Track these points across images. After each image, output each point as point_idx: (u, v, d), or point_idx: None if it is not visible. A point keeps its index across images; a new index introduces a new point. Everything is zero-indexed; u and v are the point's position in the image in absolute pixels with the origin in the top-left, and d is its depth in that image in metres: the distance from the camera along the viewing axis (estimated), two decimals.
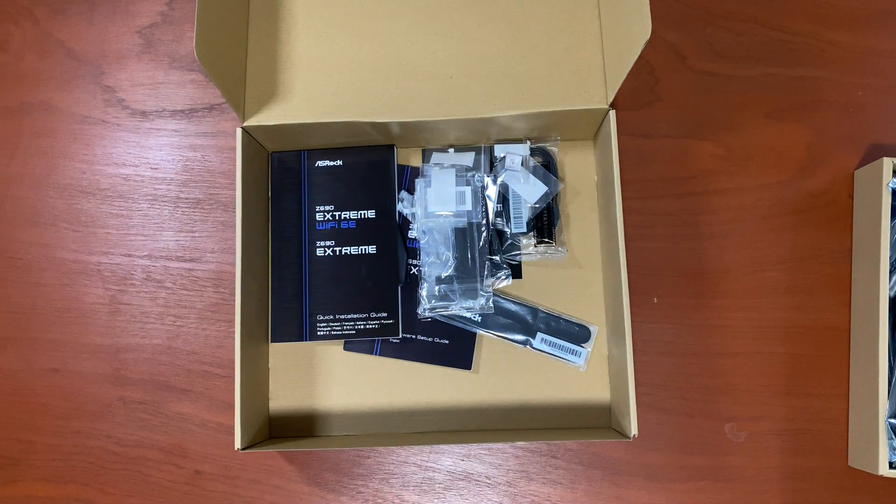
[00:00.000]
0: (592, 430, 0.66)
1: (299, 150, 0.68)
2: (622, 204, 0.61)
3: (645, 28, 0.49)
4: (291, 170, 0.69)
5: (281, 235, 0.68)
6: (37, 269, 0.72)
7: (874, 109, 0.73)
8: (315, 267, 0.67)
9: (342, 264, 0.67)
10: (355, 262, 0.67)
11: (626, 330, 0.60)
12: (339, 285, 0.67)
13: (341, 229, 0.67)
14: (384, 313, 0.67)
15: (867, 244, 0.67)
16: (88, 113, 0.74)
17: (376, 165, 0.68)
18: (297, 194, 0.68)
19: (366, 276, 0.67)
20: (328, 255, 0.67)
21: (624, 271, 0.60)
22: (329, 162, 0.68)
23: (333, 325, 0.67)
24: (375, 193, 0.68)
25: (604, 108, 0.62)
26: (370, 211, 0.68)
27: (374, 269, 0.67)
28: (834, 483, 0.68)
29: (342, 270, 0.67)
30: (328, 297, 0.67)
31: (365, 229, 0.67)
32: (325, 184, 0.68)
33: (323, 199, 0.68)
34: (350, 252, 0.67)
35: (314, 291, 0.67)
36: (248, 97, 0.64)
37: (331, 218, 0.67)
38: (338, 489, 0.69)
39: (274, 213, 0.68)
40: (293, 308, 0.67)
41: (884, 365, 0.63)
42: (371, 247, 0.67)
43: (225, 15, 0.60)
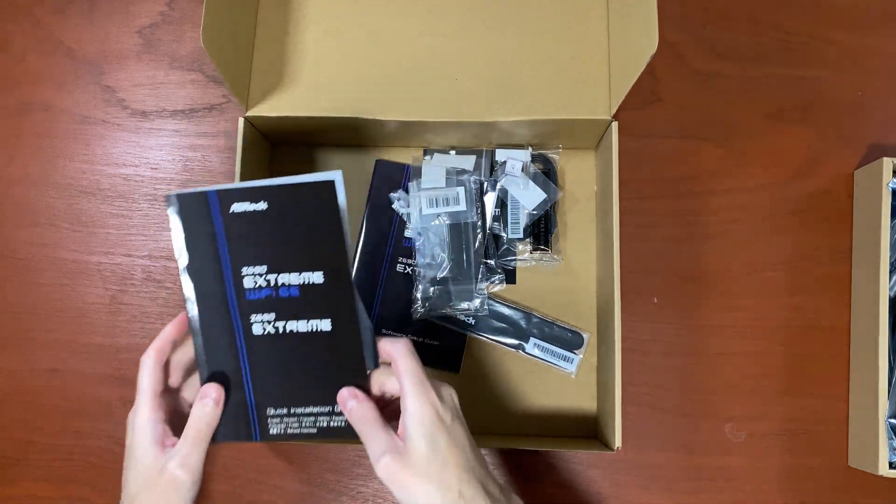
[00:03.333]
0: (577, 441, 0.66)
1: (204, 191, 0.48)
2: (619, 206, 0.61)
3: (652, 41, 0.49)
4: (200, 216, 0.49)
5: (204, 305, 0.50)
6: (37, 269, 0.72)
7: (874, 109, 0.73)
8: (254, 348, 0.50)
9: (288, 344, 0.50)
10: (305, 342, 0.50)
11: (617, 341, 0.60)
12: (290, 371, 0.51)
13: (280, 298, 0.49)
14: None
15: (867, 244, 0.67)
16: (88, 113, 0.74)
17: (316, 208, 0.48)
18: (213, 249, 0.49)
19: (322, 361, 0.50)
20: (268, 332, 0.50)
21: (617, 282, 0.60)
22: (250, 205, 0.48)
23: (289, 420, 0.51)
24: (320, 248, 0.49)
25: (606, 118, 0.62)
26: (316, 273, 0.49)
27: (330, 352, 0.50)
28: (834, 483, 0.68)
29: (290, 352, 0.50)
30: (276, 387, 0.51)
31: (312, 298, 0.49)
32: (250, 236, 0.49)
33: (249, 258, 0.49)
34: (298, 329, 0.50)
35: (258, 379, 0.50)
36: (252, 88, 0.64)
37: (264, 283, 0.49)
38: (338, 489, 0.69)
39: (191, 275, 0.50)
40: (236, 400, 0.51)
41: (884, 365, 0.63)
42: (323, 321, 0.50)
43: (234, 4, 0.60)
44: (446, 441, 0.46)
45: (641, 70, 0.52)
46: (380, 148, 0.72)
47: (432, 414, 0.46)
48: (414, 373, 0.47)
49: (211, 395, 0.49)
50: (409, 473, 0.45)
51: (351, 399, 0.49)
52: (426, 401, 0.46)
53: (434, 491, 0.45)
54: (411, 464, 0.46)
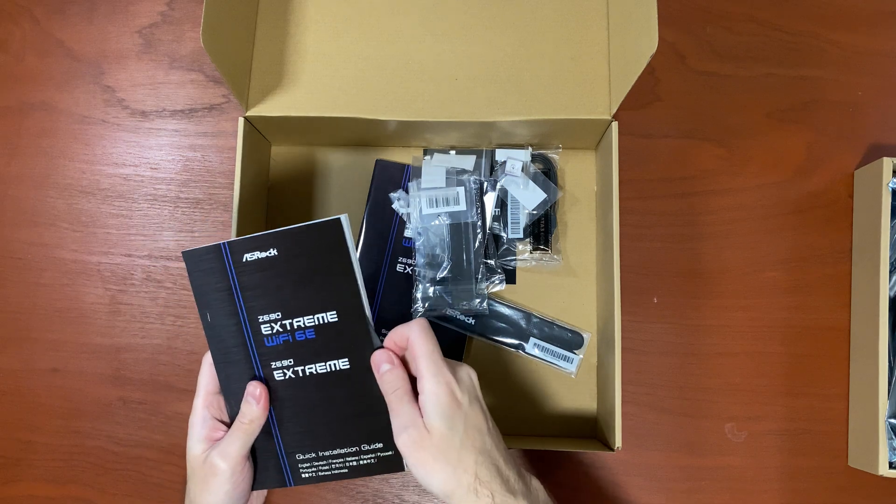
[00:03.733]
0: (578, 441, 0.66)
1: (217, 244, 0.50)
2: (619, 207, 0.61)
3: (652, 41, 0.49)
4: (213, 271, 0.50)
5: (226, 360, 0.51)
6: (37, 269, 0.72)
7: (874, 109, 0.73)
8: (278, 394, 0.52)
9: (309, 387, 0.51)
10: (325, 383, 0.51)
11: (617, 341, 0.60)
12: (313, 415, 0.52)
13: (297, 342, 0.51)
14: (379, 443, 0.52)
15: (867, 244, 0.67)
16: (88, 113, 0.74)
17: (325, 249, 0.49)
18: (229, 303, 0.50)
19: (344, 400, 0.51)
20: (289, 377, 0.51)
21: (617, 282, 0.60)
22: (260, 253, 0.49)
23: (318, 464, 0.53)
24: (331, 287, 0.50)
25: (606, 118, 0.62)
26: (330, 313, 0.50)
27: (351, 390, 0.51)
28: (834, 483, 0.68)
29: (312, 395, 0.51)
30: (304, 431, 0.52)
31: (328, 338, 0.50)
32: (263, 284, 0.50)
33: (265, 306, 0.50)
34: (316, 370, 0.51)
35: (284, 426, 0.52)
36: (252, 88, 0.64)
37: (280, 329, 0.51)
38: (338, 489, 0.69)
39: (209, 332, 0.51)
40: (266, 447, 0.53)
41: (884, 365, 0.63)
42: (341, 360, 0.51)
43: (234, 4, 0.60)
44: (463, 423, 0.47)
45: (641, 70, 0.52)
46: (380, 148, 0.72)
47: (448, 395, 0.47)
48: (430, 354, 0.48)
49: (253, 394, 0.51)
50: (428, 453, 0.46)
51: (385, 363, 0.49)
52: (442, 381, 0.47)
53: (450, 472, 0.46)
54: (432, 443, 0.46)
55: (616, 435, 0.59)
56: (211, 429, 0.51)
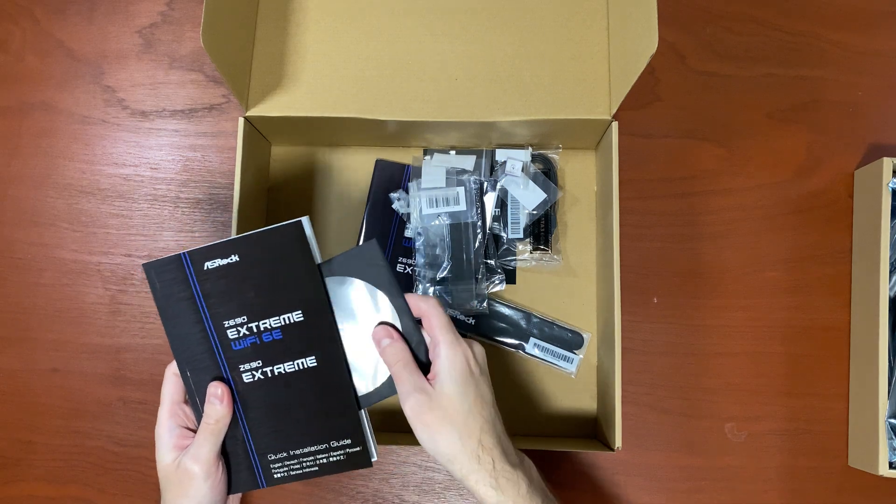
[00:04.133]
0: (578, 441, 0.66)
1: (178, 254, 0.50)
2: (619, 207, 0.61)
3: (651, 41, 0.49)
4: (175, 281, 0.51)
5: (193, 367, 0.52)
6: (37, 269, 0.72)
7: (874, 109, 0.73)
8: (246, 397, 0.52)
9: (279, 387, 0.52)
10: (294, 382, 0.52)
11: (617, 340, 0.60)
12: (283, 414, 0.52)
13: (265, 343, 0.51)
14: (347, 440, 0.53)
15: (867, 244, 0.67)
16: (88, 113, 0.74)
17: (286, 250, 0.50)
18: (193, 312, 0.51)
19: (312, 398, 0.52)
20: (258, 379, 0.52)
21: (617, 282, 0.60)
22: (221, 260, 0.50)
23: (290, 463, 0.53)
24: (296, 287, 0.51)
25: (606, 118, 0.62)
26: (295, 312, 0.51)
27: (319, 387, 0.52)
28: (834, 483, 0.68)
29: (281, 395, 0.52)
30: (274, 431, 0.53)
31: (295, 337, 0.51)
32: (226, 290, 0.51)
33: (229, 311, 0.51)
34: (284, 370, 0.52)
35: (255, 427, 0.52)
36: (252, 88, 0.64)
37: (247, 332, 0.51)
38: (338, 489, 0.69)
39: (173, 343, 0.52)
40: (238, 450, 0.53)
41: (884, 365, 0.63)
42: (308, 358, 0.52)
43: (234, 4, 0.60)
44: (474, 391, 0.49)
45: (641, 70, 0.52)
46: (380, 148, 0.72)
47: (464, 363, 0.49)
48: (447, 325, 0.50)
49: (215, 395, 0.51)
50: (435, 416, 0.48)
51: (385, 338, 0.51)
52: (459, 350, 0.49)
53: (456, 435, 0.47)
54: (439, 406, 0.48)
55: (616, 435, 0.59)
56: (179, 437, 0.51)
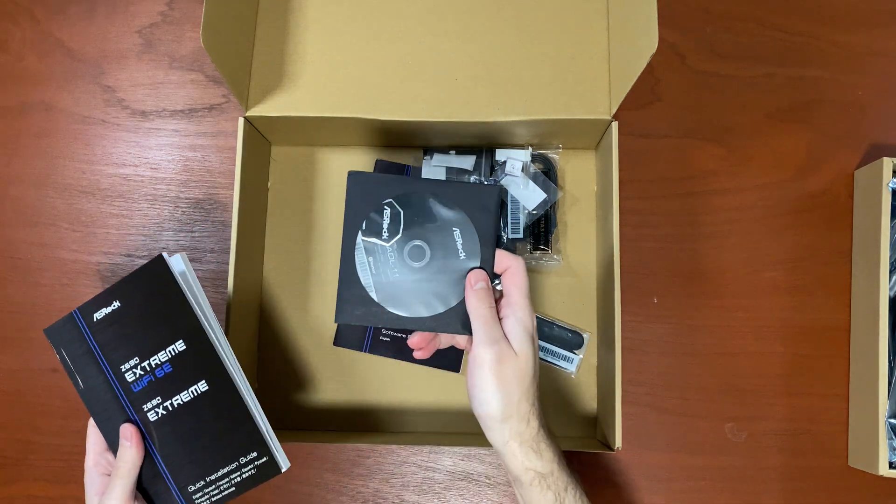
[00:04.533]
0: (577, 441, 0.66)
1: (70, 313, 0.54)
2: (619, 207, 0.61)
3: (652, 41, 0.49)
4: (73, 339, 0.54)
5: (104, 417, 0.54)
6: (37, 269, 0.72)
7: (874, 109, 0.73)
8: (156, 435, 0.54)
9: (182, 418, 0.54)
10: (193, 409, 0.54)
11: (617, 341, 0.60)
12: (192, 443, 0.54)
13: (159, 379, 0.54)
14: (253, 453, 0.55)
15: (867, 244, 0.67)
16: (88, 113, 0.74)
17: (157, 287, 0.53)
18: (94, 364, 0.54)
19: (213, 420, 0.54)
20: (162, 415, 0.54)
21: (617, 283, 0.60)
22: (106, 309, 0.53)
23: (209, 490, 0.55)
24: (173, 319, 0.54)
25: (606, 118, 0.62)
26: (178, 343, 0.54)
27: (216, 408, 0.54)
28: (834, 483, 0.68)
29: (186, 425, 0.54)
30: (189, 462, 0.55)
31: (183, 367, 0.54)
32: (117, 335, 0.54)
33: (123, 355, 0.54)
34: (182, 400, 0.54)
35: (169, 462, 0.54)
36: (252, 88, 0.64)
37: (142, 371, 0.54)
38: (338, 489, 0.69)
39: (83, 397, 0.54)
40: (159, 490, 0.55)
41: (884, 365, 0.63)
42: (199, 383, 0.54)
43: (234, 4, 0.60)
44: (537, 358, 0.51)
45: (641, 70, 0.52)
46: (380, 148, 0.72)
47: (533, 329, 0.51)
48: (527, 288, 0.51)
49: (123, 436, 0.53)
50: (511, 371, 0.49)
51: (481, 281, 0.52)
52: (533, 316, 0.51)
53: (519, 396, 0.49)
54: (517, 363, 0.49)
55: (616, 435, 0.59)
56: (101, 485, 0.53)
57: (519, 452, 0.49)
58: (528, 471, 0.49)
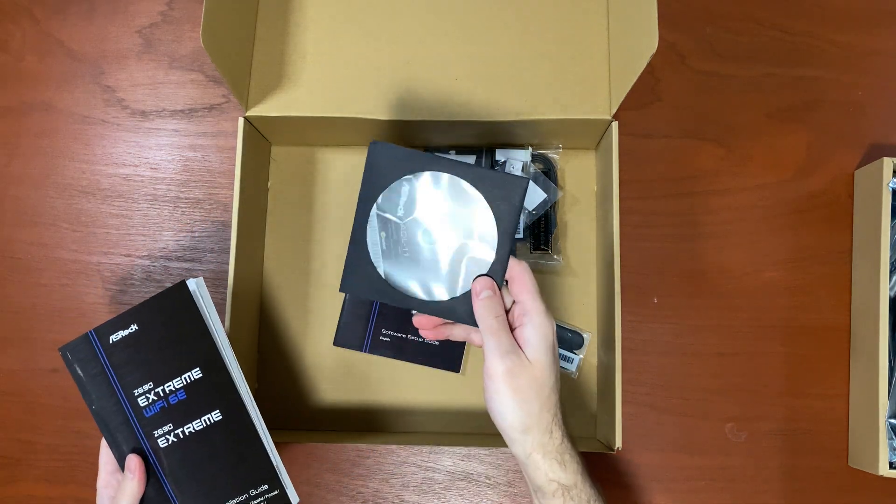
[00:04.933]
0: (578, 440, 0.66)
1: (86, 334, 0.53)
2: (619, 207, 0.61)
3: (652, 41, 0.49)
4: (88, 359, 0.53)
5: (115, 439, 0.54)
6: (37, 269, 0.72)
7: (874, 109, 0.73)
8: (165, 462, 0.54)
9: (193, 446, 0.54)
10: (205, 438, 0.54)
11: (617, 341, 0.60)
12: (201, 472, 0.54)
13: (172, 406, 0.54)
14: (264, 486, 0.55)
15: (867, 244, 0.67)
16: (88, 113, 0.74)
17: (177, 312, 0.54)
18: (107, 385, 0.53)
19: (225, 451, 0.54)
20: (172, 442, 0.54)
21: (618, 283, 0.60)
22: (123, 332, 0.53)
23: None
24: (190, 346, 0.54)
25: (606, 118, 0.62)
26: (194, 370, 0.54)
27: (229, 439, 0.54)
28: (834, 483, 0.68)
29: (196, 453, 0.54)
30: (198, 491, 0.55)
31: (197, 395, 0.54)
32: (132, 359, 0.53)
33: (137, 379, 0.54)
34: (194, 428, 0.54)
35: (180, 490, 0.54)
36: (252, 88, 0.64)
37: (155, 397, 0.54)
38: (338, 489, 0.69)
39: (96, 417, 0.54)
40: None
41: (884, 365, 0.63)
42: (213, 413, 0.54)
43: (234, 4, 0.60)
44: (557, 366, 0.50)
45: (641, 70, 0.52)
46: None
47: (552, 336, 0.49)
48: (539, 294, 0.50)
49: (129, 468, 0.53)
50: (527, 382, 0.47)
51: (488, 290, 0.50)
52: (549, 323, 0.49)
53: (538, 407, 0.48)
54: (532, 373, 0.48)
55: (616, 435, 0.59)
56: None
57: (542, 464, 0.48)
58: (552, 482, 0.48)
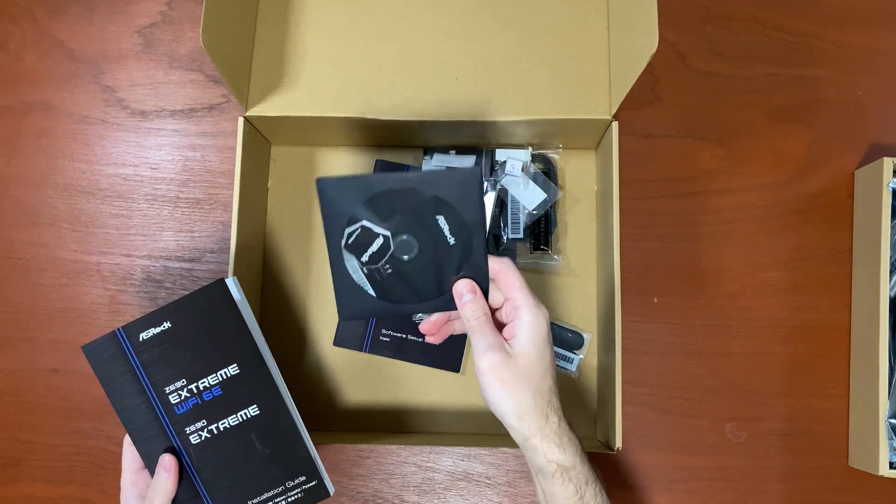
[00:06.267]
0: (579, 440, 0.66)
1: (112, 332, 0.53)
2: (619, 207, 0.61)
3: (652, 41, 0.49)
4: (115, 357, 0.53)
5: (142, 438, 0.54)
6: (37, 269, 0.72)
7: (874, 109, 0.73)
8: (197, 458, 0.54)
9: (226, 442, 0.54)
10: (240, 434, 0.54)
11: (617, 341, 0.60)
12: (235, 467, 0.54)
13: (206, 402, 0.54)
14: (301, 477, 0.55)
15: (867, 244, 0.67)
16: (88, 113, 0.74)
17: (215, 310, 0.53)
18: (135, 384, 0.53)
19: (260, 445, 0.55)
20: (205, 438, 0.54)
21: (618, 283, 0.60)
22: (155, 329, 0.53)
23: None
24: (228, 343, 0.54)
25: (607, 118, 0.62)
26: (231, 366, 0.54)
27: (266, 433, 0.55)
28: (834, 483, 0.68)
29: (230, 449, 0.54)
30: (230, 486, 0.54)
31: (234, 390, 0.54)
32: (163, 357, 0.53)
33: (169, 377, 0.53)
34: (229, 424, 0.54)
35: (210, 486, 0.54)
36: (252, 88, 0.64)
37: (188, 394, 0.53)
38: (338, 490, 0.69)
39: (122, 416, 0.53)
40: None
41: (884, 365, 0.63)
42: (251, 408, 0.54)
43: (234, 4, 0.60)
44: (549, 353, 0.51)
45: (641, 70, 0.52)
46: (380, 148, 0.72)
47: (544, 326, 0.50)
48: (526, 287, 0.51)
49: (163, 466, 0.53)
50: (512, 373, 0.49)
51: (469, 293, 0.51)
52: (541, 314, 0.50)
53: (530, 395, 0.49)
54: (517, 365, 0.49)
55: (616, 435, 0.59)
56: None
57: (541, 446, 0.49)
58: (551, 463, 0.50)
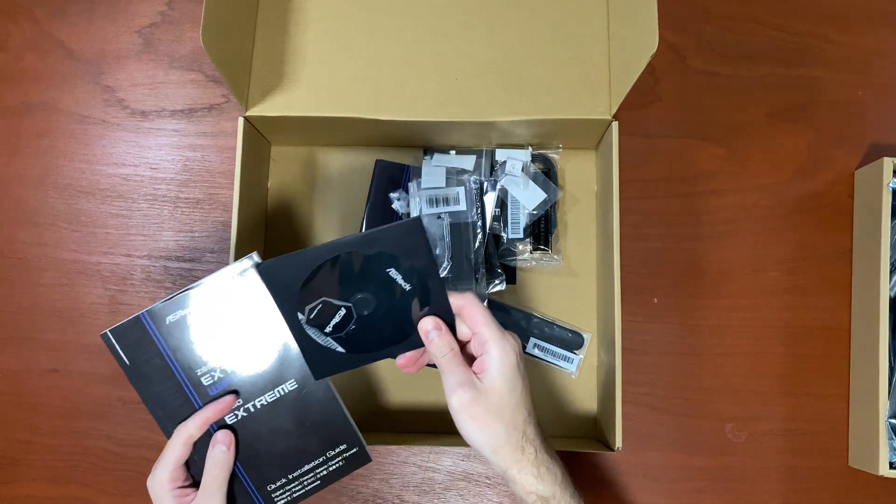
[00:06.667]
0: (578, 441, 0.66)
1: (136, 316, 0.51)
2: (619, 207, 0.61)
3: (652, 41, 0.49)
4: (140, 341, 0.51)
5: (174, 424, 0.52)
6: (37, 269, 0.72)
7: (874, 109, 0.73)
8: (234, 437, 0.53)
9: (263, 419, 0.53)
10: (278, 409, 0.53)
11: (617, 341, 0.60)
12: (273, 443, 0.53)
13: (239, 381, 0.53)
14: (343, 445, 0.54)
15: (867, 244, 0.67)
16: (88, 113, 0.74)
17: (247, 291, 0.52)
18: (164, 368, 0.51)
19: (299, 419, 0.53)
20: (241, 417, 0.53)
21: (617, 283, 0.60)
22: (181, 311, 0.51)
23: (291, 486, 0.54)
24: (259, 319, 0.52)
25: (607, 118, 0.62)
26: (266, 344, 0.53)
27: (304, 406, 0.53)
28: (834, 483, 0.68)
29: (267, 425, 0.53)
30: (268, 463, 0.53)
31: (270, 367, 0.53)
32: (192, 339, 0.51)
33: (199, 358, 0.52)
34: (266, 400, 0.53)
35: (247, 464, 0.53)
36: (252, 88, 0.64)
37: (221, 374, 0.52)
38: (338, 489, 0.69)
39: (149, 403, 0.52)
40: (237, 492, 0.53)
41: (884, 365, 0.63)
42: (287, 383, 0.53)
43: (234, 4, 0.60)
44: (521, 385, 0.50)
45: (641, 70, 0.52)
46: (380, 148, 0.72)
47: (513, 358, 0.49)
48: (492, 320, 0.50)
49: (222, 441, 0.52)
50: (483, 409, 0.48)
51: (434, 330, 0.51)
52: (508, 346, 0.50)
53: (503, 429, 0.49)
54: (487, 400, 0.49)
55: (616, 435, 0.59)
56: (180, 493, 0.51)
57: (518, 478, 0.49)
58: (530, 494, 0.50)
